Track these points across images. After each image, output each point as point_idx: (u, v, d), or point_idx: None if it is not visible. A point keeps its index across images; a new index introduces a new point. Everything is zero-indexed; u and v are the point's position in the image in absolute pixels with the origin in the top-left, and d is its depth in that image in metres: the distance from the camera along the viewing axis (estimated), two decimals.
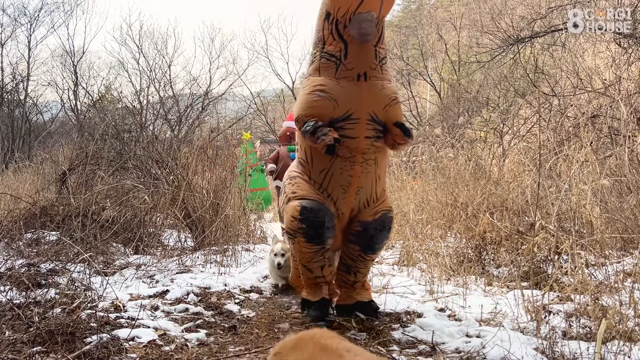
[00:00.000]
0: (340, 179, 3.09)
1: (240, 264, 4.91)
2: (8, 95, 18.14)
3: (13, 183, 7.89)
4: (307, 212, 3.03)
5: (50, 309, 2.77)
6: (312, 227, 3.03)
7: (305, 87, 3.16)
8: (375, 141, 3.11)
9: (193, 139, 9.72)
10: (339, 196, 3.13)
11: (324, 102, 3.03)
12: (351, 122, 3.01)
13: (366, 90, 3.02)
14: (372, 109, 3.04)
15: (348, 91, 3.01)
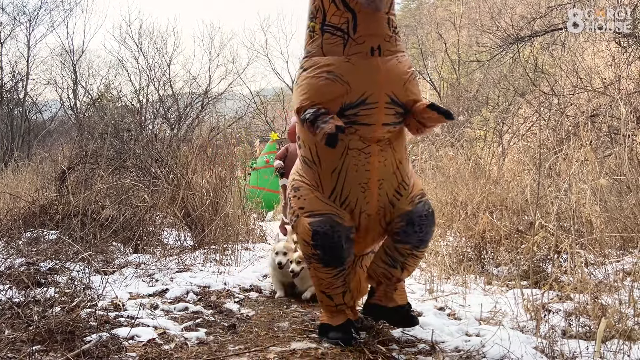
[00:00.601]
0: (357, 177, 2.63)
1: (240, 263, 4.91)
2: (7, 94, 18.14)
3: (12, 182, 7.88)
4: (320, 238, 2.61)
5: (49, 308, 2.77)
6: (328, 251, 2.63)
7: (307, 70, 2.63)
8: (394, 128, 2.64)
9: (192, 138, 9.75)
10: (358, 197, 2.67)
11: (333, 85, 2.52)
12: (367, 107, 2.53)
13: (382, 66, 2.52)
14: (391, 88, 2.55)
15: (361, 70, 2.52)
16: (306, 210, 2.69)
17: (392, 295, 2.80)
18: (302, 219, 2.70)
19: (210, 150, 6.45)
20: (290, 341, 2.78)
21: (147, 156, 6.13)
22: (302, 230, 2.68)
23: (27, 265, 3.70)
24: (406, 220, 2.68)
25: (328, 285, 2.72)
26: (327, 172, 2.68)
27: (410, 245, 2.71)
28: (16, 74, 18.44)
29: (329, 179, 2.68)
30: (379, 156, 2.63)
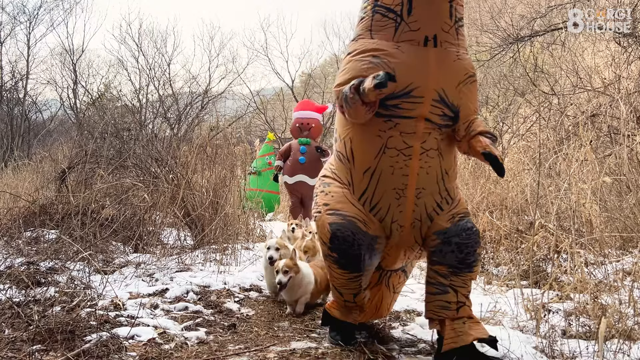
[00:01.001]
0: (392, 180, 2.35)
1: (240, 263, 4.91)
2: (7, 94, 18.15)
3: (12, 181, 7.89)
4: (338, 242, 2.39)
5: (49, 307, 2.77)
6: (346, 258, 2.43)
7: (352, 53, 2.42)
8: (439, 129, 2.37)
9: (192, 138, 9.74)
10: (391, 204, 2.39)
11: (377, 70, 2.24)
12: (412, 99, 2.27)
13: (435, 59, 2.28)
14: (441, 85, 2.29)
15: (411, 59, 2.27)
16: (330, 208, 2.46)
17: (462, 329, 2.34)
18: (323, 216, 2.47)
19: (210, 150, 6.45)
20: (290, 341, 2.78)
21: (147, 156, 6.12)
22: (322, 230, 2.48)
23: (27, 265, 3.70)
24: (442, 238, 2.39)
25: (341, 285, 2.57)
26: (359, 171, 2.43)
27: (447, 266, 2.39)
28: (16, 73, 18.49)
29: (360, 179, 2.43)
30: (421, 160, 2.34)
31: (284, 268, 3.25)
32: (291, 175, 7.13)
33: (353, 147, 2.45)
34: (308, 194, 7.16)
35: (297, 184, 7.11)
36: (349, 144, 2.47)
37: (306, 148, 7.14)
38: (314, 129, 7.36)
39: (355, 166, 2.45)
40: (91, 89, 20.38)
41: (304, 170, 7.07)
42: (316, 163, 7.10)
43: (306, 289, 3.38)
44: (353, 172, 2.46)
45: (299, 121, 7.34)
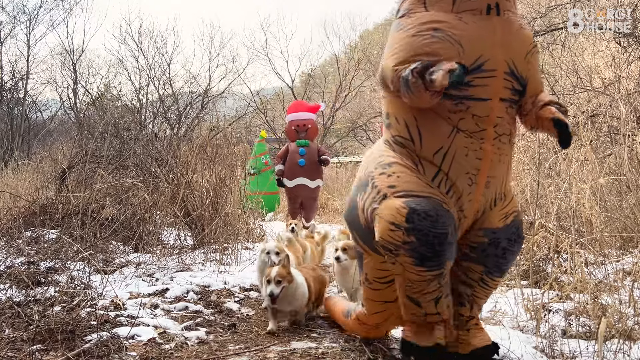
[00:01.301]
0: (466, 163, 2.10)
1: (240, 263, 4.91)
2: (7, 94, 18.15)
3: (12, 181, 7.88)
4: (418, 219, 1.98)
5: (50, 307, 2.77)
6: (427, 241, 1.99)
7: (406, 27, 2.14)
8: (511, 107, 2.16)
9: (193, 138, 9.73)
10: (464, 190, 2.13)
11: (442, 44, 2.02)
12: (483, 74, 2.04)
13: (501, 28, 2.08)
14: (510, 55, 2.08)
15: (476, 29, 2.05)
16: (399, 190, 2.09)
17: (466, 337, 2.26)
18: (390, 200, 2.07)
19: (210, 150, 6.44)
20: (290, 341, 2.78)
21: (147, 156, 6.12)
22: (390, 212, 2.04)
23: (27, 265, 3.70)
24: (490, 237, 2.21)
25: (418, 290, 2.08)
26: (428, 152, 2.13)
27: (484, 267, 2.24)
28: (16, 73, 18.48)
29: (431, 159, 2.13)
30: (494, 146, 2.12)
31: (277, 277, 2.91)
32: (291, 179, 7.05)
33: (420, 127, 2.14)
34: (308, 197, 7.11)
35: (297, 187, 7.02)
36: (413, 122, 2.16)
37: (305, 150, 7.05)
38: (311, 129, 7.27)
39: (423, 147, 2.14)
40: (91, 88, 20.40)
41: (304, 172, 6.98)
42: (316, 165, 7.04)
43: (301, 301, 3.05)
44: (420, 154, 2.15)
45: (294, 123, 7.25)
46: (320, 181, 7.20)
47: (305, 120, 7.25)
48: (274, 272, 2.93)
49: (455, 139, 2.09)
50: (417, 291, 2.09)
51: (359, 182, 2.33)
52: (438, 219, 2.00)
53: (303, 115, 7.33)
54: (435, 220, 1.99)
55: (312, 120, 7.36)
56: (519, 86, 2.12)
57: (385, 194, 2.12)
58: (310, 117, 7.34)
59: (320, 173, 7.19)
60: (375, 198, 2.15)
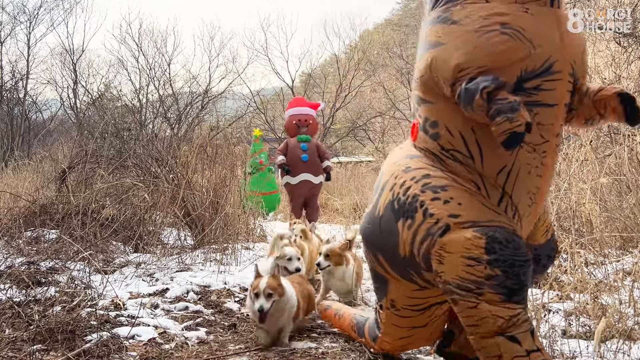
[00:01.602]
0: (529, 182, 1.87)
1: (240, 263, 4.91)
2: (7, 94, 18.15)
3: (12, 181, 7.89)
4: (500, 247, 1.71)
5: (50, 307, 2.77)
6: (514, 272, 1.72)
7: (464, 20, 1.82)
8: (569, 112, 1.93)
9: (193, 138, 9.73)
10: (524, 212, 1.91)
11: (512, 44, 1.75)
12: (551, 77, 1.79)
13: (563, 23, 1.83)
14: (572, 54, 1.84)
15: (544, 24, 1.78)
16: (465, 220, 1.79)
17: None
18: (457, 232, 1.77)
19: (210, 150, 6.45)
20: (290, 341, 2.78)
21: (148, 156, 6.13)
22: (464, 245, 1.75)
23: (27, 265, 3.71)
24: (533, 254, 1.99)
25: (510, 326, 1.76)
26: (491, 172, 1.86)
27: None
28: (16, 73, 18.49)
29: (493, 180, 1.87)
30: (553, 159, 1.92)
31: (267, 290, 2.55)
32: (294, 175, 6.86)
33: (479, 141, 1.85)
34: (312, 193, 6.99)
35: (302, 184, 6.86)
36: (472, 140, 1.86)
37: (307, 145, 6.91)
38: (312, 125, 7.15)
39: (485, 166, 1.86)
40: (91, 88, 20.42)
41: (307, 168, 6.83)
42: (318, 161, 6.89)
43: (289, 316, 2.70)
44: (482, 172, 1.87)
45: (295, 118, 7.09)
46: (322, 177, 7.06)
47: (306, 115, 7.14)
48: (264, 284, 2.56)
49: (519, 154, 1.83)
50: (507, 327, 1.76)
51: (395, 204, 1.95)
52: (519, 245, 1.76)
53: (304, 110, 7.20)
54: (517, 246, 1.74)
55: (312, 116, 7.24)
56: (573, 88, 1.88)
57: (447, 224, 1.80)
58: (310, 113, 7.22)
59: (322, 169, 7.03)
60: (433, 230, 1.82)
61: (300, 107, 7.25)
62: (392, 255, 2.00)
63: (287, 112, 7.31)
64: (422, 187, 1.90)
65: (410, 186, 1.93)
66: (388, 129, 23.18)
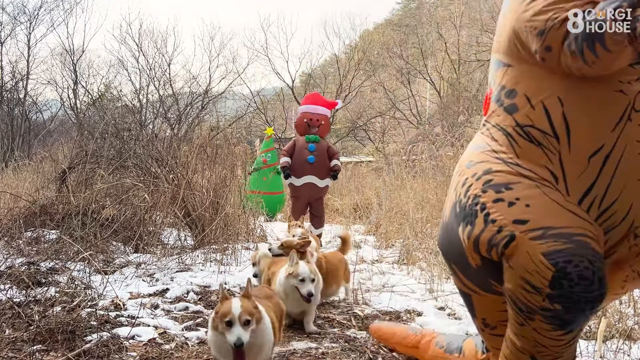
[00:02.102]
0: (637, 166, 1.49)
1: (240, 263, 4.91)
2: (7, 94, 18.16)
3: (13, 181, 7.89)
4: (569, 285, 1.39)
5: (50, 308, 2.77)
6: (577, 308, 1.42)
7: None
8: None
9: (193, 138, 9.73)
10: (634, 204, 1.53)
11: None
12: None
13: None
14: None
15: None
16: (534, 227, 1.46)
17: None
18: (523, 243, 1.45)
19: (210, 150, 6.45)
20: (290, 341, 2.78)
21: (148, 156, 6.13)
22: (526, 267, 1.45)
23: (27, 265, 3.71)
24: None
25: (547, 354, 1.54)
26: (581, 155, 1.50)
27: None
28: (16, 73, 18.51)
29: (583, 167, 1.50)
30: None
31: (244, 316, 1.90)
32: (298, 176, 6.42)
33: (567, 113, 1.49)
34: (316, 197, 6.57)
35: (306, 186, 6.39)
36: (558, 110, 1.50)
37: (315, 146, 6.46)
38: (324, 126, 6.67)
39: (572, 147, 1.50)
40: (91, 89, 20.45)
41: (313, 170, 6.37)
42: (325, 163, 6.47)
43: (268, 349, 2.11)
44: (566, 158, 1.51)
45: (307, 116, 6.60)
46: (329, 181, 6.61)
47: (319, 115, 6.67)
48: (238, 307, 1.91)
49: (624, 132, 1.46)
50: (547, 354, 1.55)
51: (457, 207, 1.67)
52: (593, 277, 1.40)
53: (318, 110, 6.71)
54: (592, 282, 1.40)
55: (326, 117, 6.80)
56: None
57: (512, 233, 1.48)
58: (324, 114, 6.78)
59: (329, 172, 6.57)
60: (495, 238, 1.51)
61: (314, 106, 6.74)
62: (464, 267, 1.70)
63: (300, 108, 6.90)
64: (483, 185, 1.58)
65: (471, 184, 1.63)
66: (388, 129, 23.19)
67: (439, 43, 21.36)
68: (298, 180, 6.41)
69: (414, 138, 14.66)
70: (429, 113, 22.46)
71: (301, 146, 6.47)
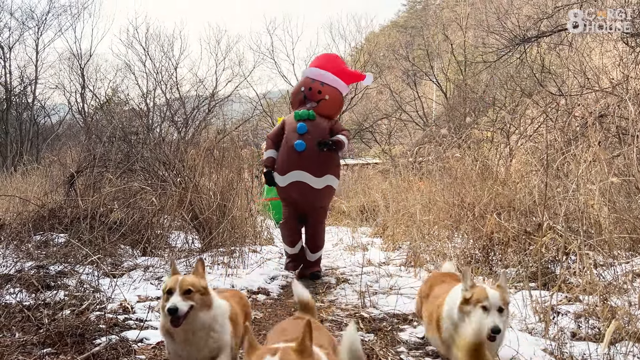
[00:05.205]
0: None
1: (247, 266, 4.92)
2: (16, 99, 18.31)
3: (22, 185, 7.96)
4: None
5: (59, 311, 2.79)
6: None
7: None
8: None
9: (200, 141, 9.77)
10: None
11: None
12: None
13: None
14: None
15: None
16: None
17: None
18: None
19: (217, 153, 6.46)
20: None
21: (155, 159, 6.16)
22: None
23: (36, 269, 3.73)
24: None
25: None
26: None
27: None
28: (25, 78, 18.66)
29: None
30: None
31: (185, 286, 1.88)
32: (283, 172, 4.49)
33: None
34: (311, 203, 4.52)
35: (293, 187, 4.46)
36: None
37: (307, 127, 4.42)
38: (327, 103, 4.54)
39: None
40: (99, 93, 20.58)
41: (301, 162, 4.39)
42: (324, 152, 4.43)
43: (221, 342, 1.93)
44: None
45: (305, 83, 4.61)
46: (332, 178, 4.50)
47: (325, 85, 4.55)
48: (180, 280, 1.90)
49: None
50: None
51: None
52: None
53: (325, 76, 4.59)
54: None
55: (335, 91, 4.63)
56: None
57: None
58: (334, 85, 4.62)
59: (331, 165, 4.48)
60: None
61: (320, 70, 4.63)
62: None
63: (305, 71, 4.83)
64: None
65: None
66: (395, 131, 23.14)
67: (445, 44, 21.32)
68: (282, 178, 4.50)
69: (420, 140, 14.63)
70: (436, 115, 22.40)
71: (289, 127, 4.51)
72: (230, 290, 2.42)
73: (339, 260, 5.85)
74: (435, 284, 2.52)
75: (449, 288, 2.31)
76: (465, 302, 2.11)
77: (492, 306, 2.04)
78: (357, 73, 4.97)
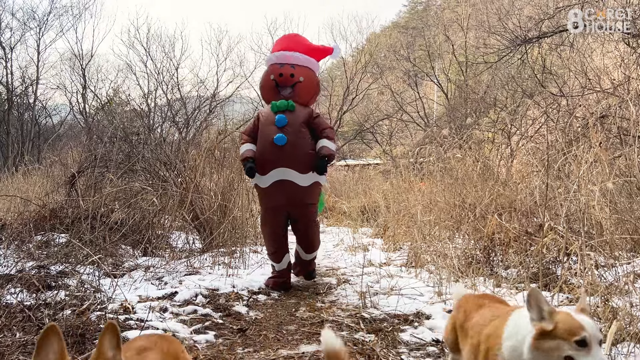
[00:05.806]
0: None
1: (248, 266, 4.92)
2: (17, 99, 18.33)
3: (23, 186, 7.96)
4: None
5: (60, 311, 2.79)
6: None
7: None
8: None
9: (201, 141, 9.77)
10: None
11: None
12: None
13: None
14: None
15: None
16: None
17: None
18: None
19: (218, 154, 6.47)
20: (298, 344, 2.78)
21: (156, 160, 6.16)
22: None
23: (37, 269, 3.74)
24: None
25: None
26: None
27: None
28: (26, 78, 18.68)
29: None
30: None
31: None
32: (263, 172, 3.99)
33: None
34: (298, 205, 4.06)
35: (276, 187, 3.98)
36: None
37: (287, 118, 3.95)
38: (302, 85, 4.11)
39: None
40: (100, 93, 20.58)
41: (284, 159, 3.92)
42: (308, 144, 4.00)
43: None
44: None
45: (275, 70, 4.13)
46: (317, 175, 4.05)
47: (295, 65, 4.14)
48: None
49: None
50: None
51: None
52: None
53: (292, 57, 4.16)
54: None
55: (307, 70, 4.20)
56: None
57: None
58: (304, 64, 4.20)
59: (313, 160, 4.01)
60: None
61: (285, 52, 4.19)
62: None
63: (270, 57, 4.28)
64: None
65: None
66: (395, 132, 23.14)
67: (446, 45, 21.33)
68: (263, 178, 4.01)
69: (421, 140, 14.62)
70: (437, 115, 22.41)
71: (266, 120, 4.02)
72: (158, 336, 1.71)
73: (339, 260, 5.85)
74: (471, 309, 1.98)
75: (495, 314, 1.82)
76: (542, 336, 1.51)
77: (592, 339, 1.45)
78: (324, 47, 4.49)
